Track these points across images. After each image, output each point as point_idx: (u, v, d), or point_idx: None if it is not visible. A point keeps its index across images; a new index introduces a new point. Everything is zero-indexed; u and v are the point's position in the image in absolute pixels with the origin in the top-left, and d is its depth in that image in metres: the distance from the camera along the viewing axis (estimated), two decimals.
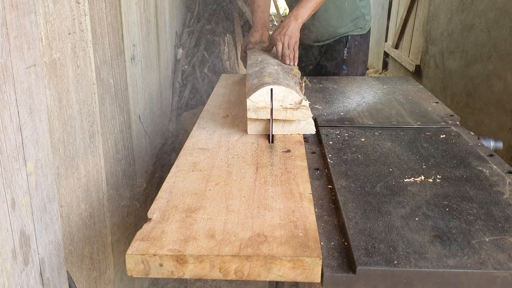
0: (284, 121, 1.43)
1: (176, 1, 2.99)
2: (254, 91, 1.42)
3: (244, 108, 1.65)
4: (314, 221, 0.93)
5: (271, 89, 1.40)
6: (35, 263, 1.01)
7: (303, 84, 1.67)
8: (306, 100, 1.43)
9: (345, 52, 2.38)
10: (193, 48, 3.21)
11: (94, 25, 1.48)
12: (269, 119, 1.41)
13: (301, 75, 1.75)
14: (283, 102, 1.41)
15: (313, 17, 2.10)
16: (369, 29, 2.47)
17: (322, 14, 2.31)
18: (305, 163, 1.21)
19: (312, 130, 1.47)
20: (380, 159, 1.27)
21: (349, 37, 2.37)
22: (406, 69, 4.76)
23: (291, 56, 1.82)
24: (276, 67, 1.69)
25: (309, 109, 1.42)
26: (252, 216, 0.95)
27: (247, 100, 1.41)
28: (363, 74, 2.50)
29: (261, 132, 1.45)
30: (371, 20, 2.49)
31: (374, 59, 6.05)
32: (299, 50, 1.89)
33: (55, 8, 1.19)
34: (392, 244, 0.89)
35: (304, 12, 1.87)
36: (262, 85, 1.43)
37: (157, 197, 1.03)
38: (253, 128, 1.45)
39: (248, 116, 1.41)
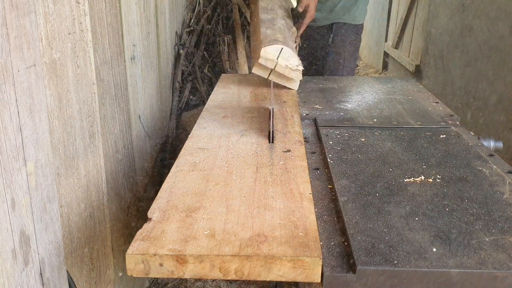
0: (281, 74, 1.75)
1: (176, 1, 2.99)
2: (268, 44, 1.69)
3: (243, 107, 1.65)
4: (314, 221, 0.93)
5: (282, 49, 1.70)
6: (35, 263, 1.01)
7: (297, 44, 2.03)
8: (301, 65, 1.76)
9: (331, 38, 2.51)
10: (193, 48, 3.21)
11: (94, 25, 1.48)
12: (271, 69, 1.72)
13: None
14: (287, 61, 1.72)
15: None
16: (361, 24, 2.55)
17: None
18: (305, 163, 1.21)
19: (296, 87, 1.90)
20: (380, 159, 1.27)
21: (334, 24, 2.48)
22: (406, 69, 4.76)
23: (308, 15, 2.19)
24: (283, 21, 1.98)
25: (301, 72, 1.78)
26: (252, 216, 0.95)
27: (262, 49, 1.68)
28: (352, 69, 2.59)
29: (261, 74, 1.75)
30: (365, 16, 2.56)
31: (374, 59, 6.05)
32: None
33: (55, 8, 1.19)
34: (392, 244, 0.89)
35: None
36: (275, 41, 1.72)
37: (157, 197, 1.03)
38: (257, 71, 1.75)
39: (258, 61, 1.70)
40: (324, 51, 2.57)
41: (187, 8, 3.40)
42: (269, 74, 1.72)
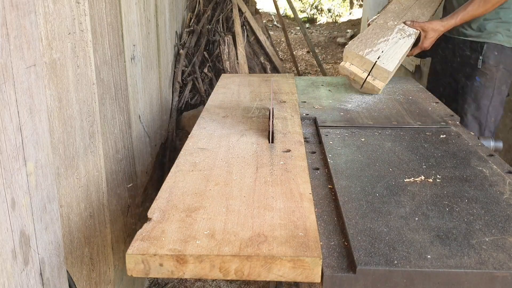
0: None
1: (176, 1, 2.99)
2: (364, 56, 1.81)
3: (243, 107, 1.65)
4: (314, 221, 0.93)
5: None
6: (35, 263, 1.01)
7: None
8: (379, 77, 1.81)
9: (480, 60, 2.03)
10: (193, 48, 3.21)
11: (94, 25, 1.48)
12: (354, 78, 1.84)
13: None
14: (362, 65, 1.83)
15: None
16: None
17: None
18: (305, 163, 1.21)
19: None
20: (380, 159, 1.27)
21: (485, 44, 2.01)
22: (406, 69, 4.76)
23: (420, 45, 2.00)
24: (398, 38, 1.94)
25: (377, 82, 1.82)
26: (252, 216, 0.95)
27: (361, 52, 1.81)
28: (503, 97, 2.05)
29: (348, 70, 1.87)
30: None
31: None
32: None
33: (55, 8, 1.19)
34: (392, 244, 0.89)
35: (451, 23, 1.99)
36: (369, 57, 1.80)
37: (157, 197, 1.03)
38: (344, 67, 1.87)
39: (346, 52, 1.85)
40: (471, 74, 2.05)
41: (187, 8, 3.40)
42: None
